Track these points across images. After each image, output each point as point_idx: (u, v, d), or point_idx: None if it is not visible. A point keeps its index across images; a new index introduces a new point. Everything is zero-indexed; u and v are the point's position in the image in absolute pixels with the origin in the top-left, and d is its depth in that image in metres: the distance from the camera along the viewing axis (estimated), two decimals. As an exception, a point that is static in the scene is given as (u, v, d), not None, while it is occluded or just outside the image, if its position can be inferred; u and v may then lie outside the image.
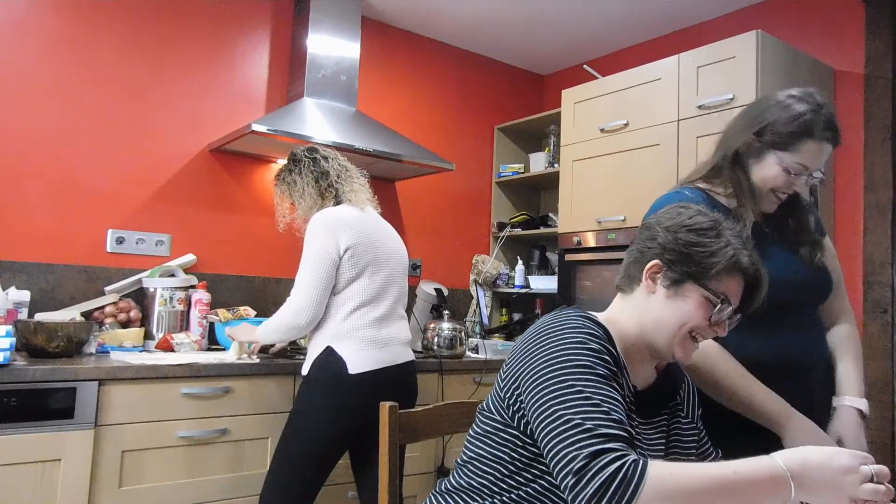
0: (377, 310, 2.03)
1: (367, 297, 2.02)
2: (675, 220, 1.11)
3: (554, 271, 3.45)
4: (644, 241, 1.13)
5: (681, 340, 1.08)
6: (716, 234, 1.08)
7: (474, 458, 1.10)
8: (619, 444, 0.88)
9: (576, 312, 1.08)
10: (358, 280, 2.02)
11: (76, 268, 2.54)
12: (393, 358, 2.03)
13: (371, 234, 2.07)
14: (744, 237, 1.10)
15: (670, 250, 1.08)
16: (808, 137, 1.34)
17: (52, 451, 1.89)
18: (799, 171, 1.36)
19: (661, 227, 1.11)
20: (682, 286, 1.07)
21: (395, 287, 2.11)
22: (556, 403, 0.94)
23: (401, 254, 2.17)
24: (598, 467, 0.84)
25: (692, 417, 1.21)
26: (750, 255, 1.08)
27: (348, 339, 1.97)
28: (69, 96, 2.57)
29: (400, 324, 2.12)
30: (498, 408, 1.08)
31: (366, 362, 1.96)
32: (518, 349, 1.07)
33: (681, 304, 1.07)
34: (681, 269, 1.07)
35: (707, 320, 1.07)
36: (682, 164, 2.57)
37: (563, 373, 0.96)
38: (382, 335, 2.02)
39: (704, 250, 1.06)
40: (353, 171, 2.19)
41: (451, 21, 3.41)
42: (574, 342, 1.00)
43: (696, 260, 1.06)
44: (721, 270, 1.06)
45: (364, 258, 2.02)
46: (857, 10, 2.67)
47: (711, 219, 1.10)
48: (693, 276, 1.07)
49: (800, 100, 1.37)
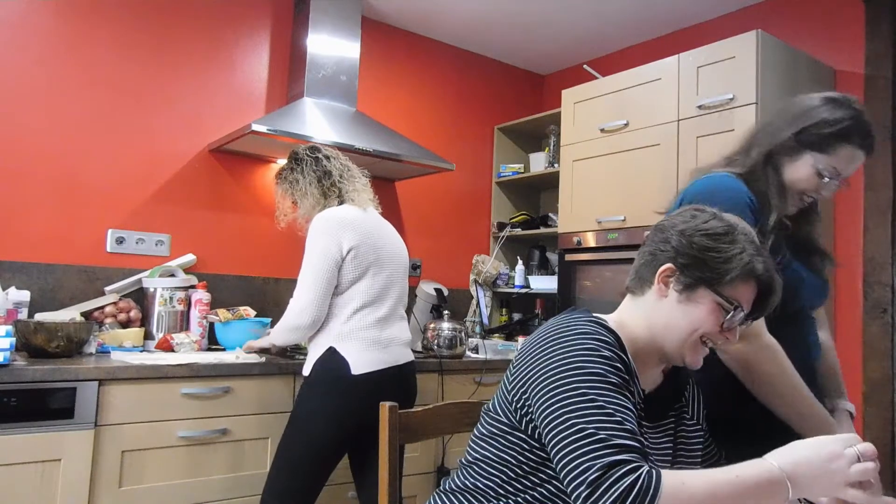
0: (379, 310, 2.03)
1: (369, 297, 2.02)
2: (689, 223, 1.09)
3: (554, 271, 3.45)
4: (657, 244, 1.11)
5: (692, 345, 1.07)
6: (730, 239, 1.06)
7: (480, 459, 1.09)
8: (633, 455, 0.87)
9: (586, 317, 1.06)
10: (360, 281, 2.01)
11: (76, 268, 2.54)
12: (395, 359, 2.03)
13: (373, 235, 2.07)
14: (758, 243, 1.08)
15: (684, 254, 1.07)
16: (847, 142, 1.36)
17: (52, 451, 1.89)
18: (832, 175, 1.37)
19: (675, 230, 1.09)
20: (695, 291, 1.06)
21: (396, 288, 2.11)
22: (568, 412, 0.92)
23: (402, 254, 2.17)
24: (614, 479, 0.84)
25: (697, 419, 1.21)
26: (764, 262, 1.06)
27: (351, 339, 1.97)
28: (69, 96, 2.57)
29: (401, 324, 2.12)
30: (505, 410, 1.07)
31: (368, 363, 1.96)
32: (527, 351, 1.05)
33: (693, 309, 1.06)
34: (695, 274, 1.06)
35: (719, 326, 1.06)
36: (682, 164, 2.57)
37: (575, 381, 0.95)
38: (385, 336, 2.02)
39: (719, 256, 1.05)
40: (356, 171, 2.19)
41: (451, 21, 3.41)
42: (586, 349, 0.98)
43: (710, 266, 1.05)
44: (736, 277, 1.04)
45: (367, 259, 2.02)
46: (857, 10, 2.67)
47: (727, 224, 1.08)
48: (707, 282, 1.05)
49: (841, 104, 1.38)
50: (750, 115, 2.38)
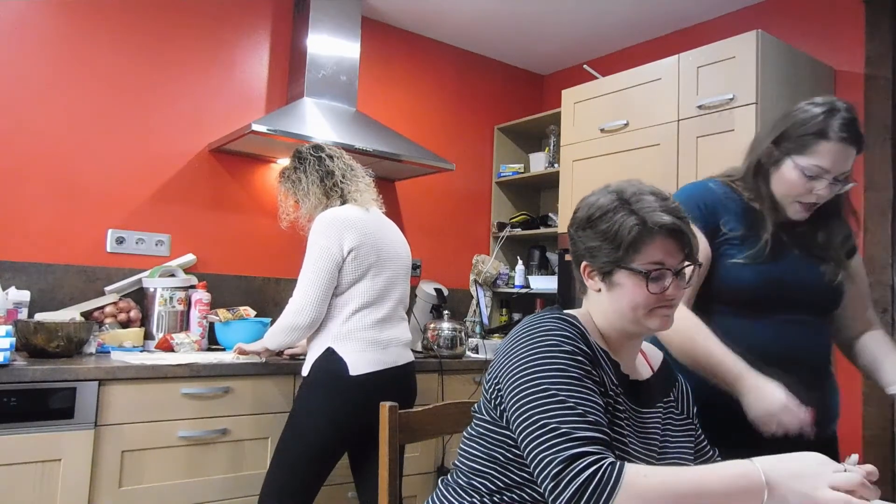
0: (379, 311, 2.03)
1: (369, 298, 2.02)
2: (576, 218, 1.13)
3: (554, 271, 3.45)
4: (571, 247, 1.16)
5: (644, 316, 1.06)
6: (611, 210, 1.06)
7: (471, 458, 1.11)
8: (595, 447, 0.89)
9: (551, 314, 1.09)
10: (361, 281, 2.01)
11: (76, 268, 2.54)
12: (394, 359, 2.02)
13: (375, 235, 2.06)
14: (659, 195, 1.07)
15: (585, 249, 1.10)
16: (822, 138, 1.34)
17: (52, 451, 1.89)
18: (815, 174, 1.36)
19: (573, 229, 1.13)
20: (612, 275, 1.07)
21: (397, 289, 2.10)
22: (532, 408, 0.96)
23: (405, 255, 2.17)
24: (575, 472, 0.86)
25: (687, 414, 1.21)
26: (660, 210, 1.03)
27: (349, 340, 1.97)
28: (69, 96, 2.57)
29: (401, 325, 2.12)
30: (487, 409, 1.10)
31: (367, 364, 1.96)
32: (500, 351, 1.09)
33: (620, 291, 1.07)
34: (601, 261, 1.07)
35: (655, 293, 1.04)
36: (682, 164, 2.57)
37: (537, 377, 0.98)
38: (384, 337, 2.02)
39: (609, 233, 1.05)
40: (359, 171, 2.18)
41: (450, 21, 3.41)
42: (547, 345, 1.01)
43: (607, 248, 1.06)
44: (633, 243, 1.03)
45: (367, 259, 2.02)
46: (857, 10, 2.67)
47: (607, 197, 1.08)
48: (615, 262, 1.06)
49: (817, 105, 1.37)
50: (750, 115, 2.38)
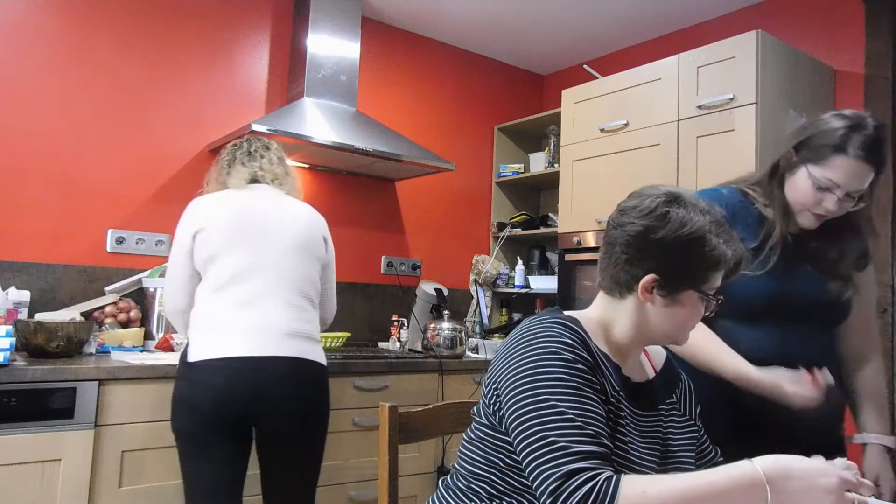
0: (235, 293, 1.81)
1: (223, 279, 1.82)
2: (668, 229, 1.04)
3: (554, 271, 3.45)
4: (632, 250, 1.06)
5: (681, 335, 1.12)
6: (707, 239, 1.04)
7: (471, 461, 1.10)
8: (593, 461, 0.88)
9: (551, 317, 1.06)
10: (211, 263, 1.84)
11: (76, 268, 2.54)
12: (248, 349, 1.75)
13: (238, 211, 1.88)
14: (723, 223, 1.07)
15: (670, 263, 1.05)
16: (839, 152, 1.33)
17: (52, 451, 1.89)
18: (827, 186, 1.35)
19: (648, 234, 1.05)
20: (679, 294, 1.06)
21: (267, 267, 1.85)
22: (530, 420, 0.94)
23: (292, 231, 1.91)
24: (572, 489, 0.86)
25: (690, 415, 1.21)
26: (732, 247, 1.06)
27: (194, 326, 1.83)
28: (69, 96, 2.57)
29: (278, 311, 1.83)
30: (486, 413, 1.09)
31: (204, 351, 1.76)
32: (499, 355, 1.07)
33: (679, 310, 1.07)
34: (678, 280, 1.06)
35: (704, 315, 1.10)
36: (682, 164, 2.57)
37: (536, 387, 0.96)
38: (242, 320, 1.78)
39: (701, 260, 1.05)
40: (260, 152, 2.03)
41: (451, 21, 3.41)
42: (547, 353, 0.99)
43: (693, 271, 1.06)
44: (713, 272, 1.07)
45: (215, 239, 1.84)
46: (857, 10, 2.67)
47: (706, 216, 1.05)
48: (690, 285, 1.06)
49: (844, 117, 1.36)
50: (750, 115, 2.38)
